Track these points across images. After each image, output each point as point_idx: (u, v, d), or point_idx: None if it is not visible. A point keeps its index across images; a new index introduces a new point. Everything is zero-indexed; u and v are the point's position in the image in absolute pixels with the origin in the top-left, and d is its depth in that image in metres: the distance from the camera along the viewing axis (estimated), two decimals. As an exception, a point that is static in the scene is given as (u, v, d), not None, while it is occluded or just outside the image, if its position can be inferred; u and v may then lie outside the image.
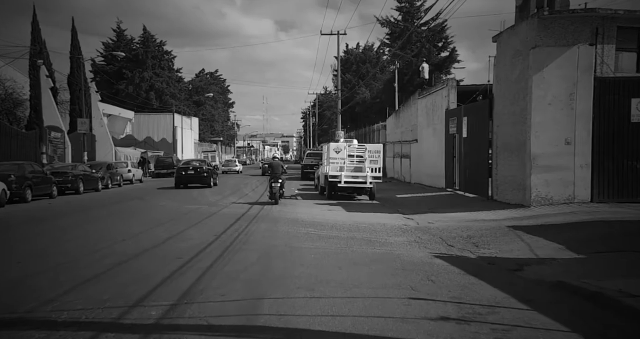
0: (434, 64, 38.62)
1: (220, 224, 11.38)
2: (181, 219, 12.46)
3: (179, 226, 11.16)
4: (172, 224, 11.57)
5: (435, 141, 22.34)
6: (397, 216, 13.40)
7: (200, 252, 7.86)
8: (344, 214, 13.77)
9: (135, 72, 66.65)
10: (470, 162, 17.30)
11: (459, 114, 18.48)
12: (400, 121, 30.14)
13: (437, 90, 21.92)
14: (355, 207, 15.63)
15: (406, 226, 11.32)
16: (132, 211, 14.96)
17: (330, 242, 9.14)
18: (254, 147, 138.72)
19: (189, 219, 12.50)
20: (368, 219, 12.46)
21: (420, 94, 24.91)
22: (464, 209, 14.09)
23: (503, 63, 14.63)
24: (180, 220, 12.33)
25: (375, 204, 17.07)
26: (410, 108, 27.38)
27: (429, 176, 23.31)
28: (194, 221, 12.06)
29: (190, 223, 11.56)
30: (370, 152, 18.15)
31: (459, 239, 9.65)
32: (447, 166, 20.27)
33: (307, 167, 33.56)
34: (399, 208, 15.38)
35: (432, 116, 22.88)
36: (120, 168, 29.29)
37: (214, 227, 10.89)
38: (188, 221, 11.98)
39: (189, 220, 12.23)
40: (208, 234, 9.87)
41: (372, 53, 61.62)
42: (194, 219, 12.31)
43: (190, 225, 11.25)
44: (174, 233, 9.99)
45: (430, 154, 23.09)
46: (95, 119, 39.59)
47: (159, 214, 13.76)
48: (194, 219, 12.31)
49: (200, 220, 12.17)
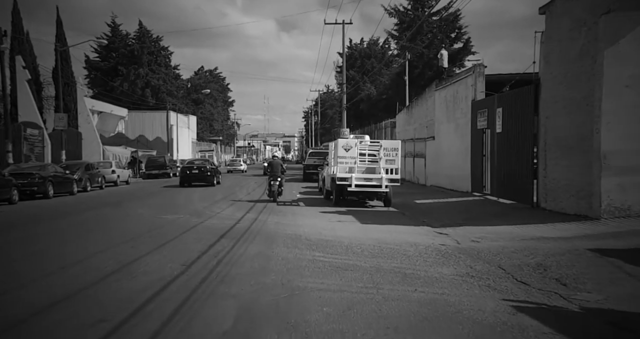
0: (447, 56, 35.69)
1: (197, 244, 8.52)
2: (150, 235, 9.61)
3: (141, 247, 8.30)
4: (134, 243, 8.72)
5: (457, 138, 19.46)
6: (426, 230, 10.53)
7: (145, 305, 4.99)
8: (359, 228, 10.89)
9: (131, 68, 63.92)
10: (506, 162, 14.42)
11: (490, 105, 15.60)
12: (413, 116, 27.25)
13: (461, 79, 19.03)
14: (370, 217, 12.76)
15: (445, 247, 8.44)
16: (97, 223, 12.12)
17: (347, 277, 6.28)
18: (254, 147, 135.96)
19: (161, 235, 9.64)
20: (391, 236, 9.58)
21: (439, 85, 22.02)
22: (508, 221, 11.22)
23: (556, 38, 11.74)
24: (148, 237, 9.48)
25: (393, 213, 14.21)
26: (426, 102, 24.49)
27: (450, 177, 20.42)
28: (165, 238, 9.19)
29: (159, 242, 8.70)
30: (386, 150, 15.28)
31: (529, 270, 6.78)
32: (473, 166, 17.39)
33: (309, 167, 30.68)
34: (423, 218, 12.51)
35: (453, 109, 19.99)
36: (103, 168, 26.48)
37: (186, 249, 8.04)
38: (157, 239, 9.12)
39: (159, 237, 9.37)
40: (174, 262, 7.02)
41: (377, 47, 58.73)
42: (166, 236, 9.44)
43: (156, 246, 8.39)
44: (127, 261, 7.13)
45: (451, 152, 20.20)
46: (82, 116, 36.89)
47: (127, 228, 10.92)
48: (166, 236, 9.44)
49: (173, 237, 9.31)
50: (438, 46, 35.86)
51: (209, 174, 25.57)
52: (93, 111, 45.60)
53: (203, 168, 25.65)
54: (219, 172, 28.60)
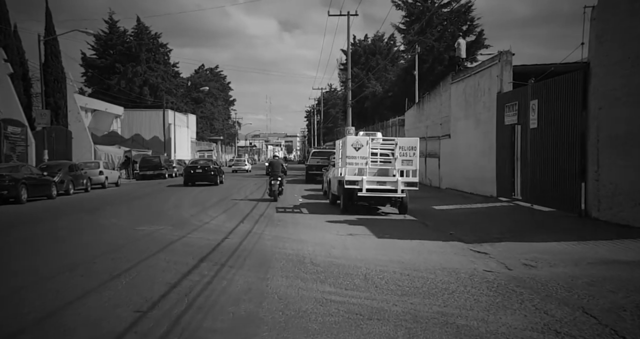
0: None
1: (167, 271, 6.49)
2: (113, 258, 7.58)
3: (93, 276, 6.29)
4: (86, 269, 6.70)
5: (478, 135, 17.41)
6: (460, 248, 8.48)
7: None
8: (375, 244, 8.85)
9: (128, 66, 62.04)
10: (543, 162, 12.37)
11: (522, 98, 13.55)
12: (425, 113, 25.20)
13: (483, 69, 16.97)
14: (386, 229, 10.72)
15: (494, 276, 6.40)
16: (55, 237, 10.07)
17: (374, 335, 4.25)
18: (256, 147, 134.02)
19: (126, 256, 7.60)
20: (419, 258, 7.54)
21: (455, 78, 19.97)
22: (557, 236, 9.17)
23: (613, 13, 9.69)
24: (109, 259, 7.45)
25: (412, 222, 12.16)
26: (440, 97, 22.43)
27: (468, 179, 18.37)
28: (129, 261, 7.16)
29: (119, 268, 6.67)
30: (402, 148, 13.22)
31: (631, 317, 4.75)
32: (499, 167, 15.34)
33: (312, 168, 28.67)
34: (450, 229, 10.47)
35: (473, 104, 17.94)
36: (90, 169, 24.51)
37: (151, 281, 6.01)
38: (120, 263, 7.09)
39: (123, 260, 7.33)
40: (127, 304, 5.00)
41: (382, 44, 56.65)
42: (132, 258, 7.41)
43: (115, 274, 6.36)
44: (62, 301, 5.10)
45: (471, 152, 18.16)
46: (72, 113, 34.91)
47: (89, 244, 8.89)
48: (132, 258, 7.41)
49: (140, 260, 7.27)
50: (449, 39, 33.80)
51: (213, 174, 25.98)
52: (86, 108, 43.70)
53: (207, 168, 26.14)
54: (222, 172, 28.85)
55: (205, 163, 27.44)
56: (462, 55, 19.71)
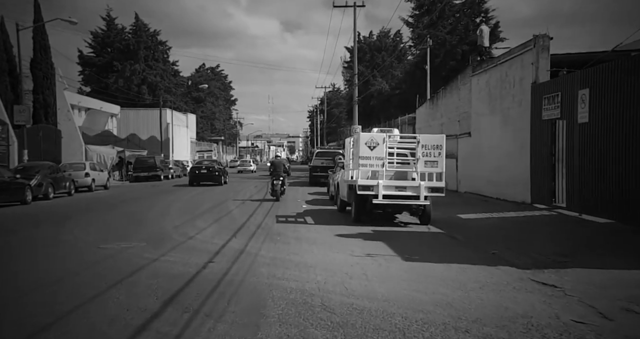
0: (471, 44, 31.53)
1: (113, 324, 4.45)
2: (44, 301, 5.55)
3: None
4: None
5: (506, 133, 15.34)
6: (516, 277, 6.40)
7: None
8: (404, 270, 6.75)
9: (126, 64, 60.14)
10: (598, 164, 10.29)
11: (567, 87, 11.47)
12: (440, 109, 23.12)
13: (512, 57, 14.88)
14: (412, 246, 8.66)
15: (595, 334, 4.33)
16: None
17: None
18: (258, 147, 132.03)
19: (62, 297, 5.56)
20: (471, 297, 5.45)
21: (477, 69, 17.89)
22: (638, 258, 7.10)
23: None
24: (39, 303, 5.41)
25: (439, 236, 10.10)
26: (458, 91, 20.36)
27: (494, 183, 16.29)
28: (64, 305, 5.12)
29: (37, 324, 4.62)
30: (426, 147, 11.14)
31: None
32: (535, 169, 13.26)
33: (316, 169, 26.57)
34: (488, 246, 8.42)
35: (500, 97, 15.87)
36: (75, 171, 22.51)
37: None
38: (46, 308, 5.05)
39: (52, 303, 5.28)
40: None
41: (388, 40, 54.58)
42: (72, 298, 5.36)
43: (24, 336, 4.31)
44: None
45: (496, 151, 16.09)
46: (62, 111, 32.92)
47: (16, 275, 6.85)
48: (72, 298, 5.36)
49: (82, 302, 5.20)
50: (462, 32, 31.74)
51: (217, 174, 26.46)
52: (80, 107, 41.76)
53: (211, 168, 26.76)
54: (227, 173, 29.37)
55: (210, 164, 28.25)
56: (485, 44, 17.66)
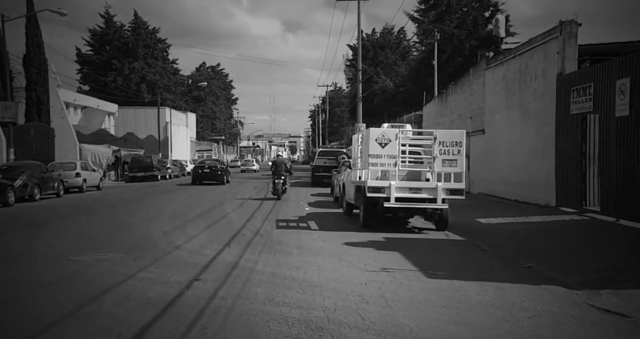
0: (480, 39, 30.33)
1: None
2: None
3: None
4: None
5: (526, 130, 14.15)
6: (571, 302, 5.21)
7: None
8: (432, 294, 5.52)
9: (125, 62, 59.08)
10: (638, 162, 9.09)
11: (602, 77, 10.27)
12: (449, 106, 21.92)
13: (533, 47, 13.66)
14: (433, 258, 7.49)
15: None
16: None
17: None
18: (259, 147, 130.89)
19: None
20: (522, 332, 4.28)
21: (492, 61, 16.68)
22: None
23: None
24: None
25: (461, 244, 8.92)
26: (470, 86, 19.16)
27: (511, 184, 15.08)
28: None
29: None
30: (444, 144, 9.95)
31: None
32: (561, 169, 12.05)
33: (319, 169, 25.40)
34: (519, 257, 7.26)
35: (518, 91, 14.67)
36: (65, 171, 21.36)
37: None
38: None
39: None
40: None
41: (391, 37, 53.35)
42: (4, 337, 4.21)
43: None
44: None
45: (515, 150, 14.90)
46: (55, 109, 31.81)
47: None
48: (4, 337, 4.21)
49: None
50: (470, 27, 30.52)
51: (220, 174, 26.79)
52: (75, 105, 40.73)
53: (214, 167, 27.19)
54: (229, 172, 29.74)
55: (213, 163, 28.63)
56: (502, 34, 16.42)
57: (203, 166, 27.86)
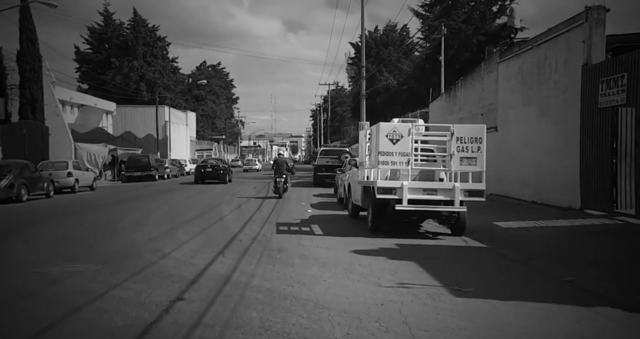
0: (487, 34, 29.36)
1: None
2: None
3: None
4: None
5: (545, 126, 13.16)
6: (634, 325, 4.25)
7: None
8: (463, 319, 4.54)
9: (124, 60, 58.20)
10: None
11: (638, 66, 9.28)
12: (458, 102, 20.94)
13: (555, 35, 12.66)
14: (457, 271, 6.51)
15: None
16: None
17: None
18: (260, 147, 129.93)
19: None
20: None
21: (506, 54, 15.69)
22: None
23: None
24: None
25: (483, 252, 7.92)
26: (481, 80, 18.18)
27: (529, 184, 14.09)
28: None
29: None
30: (462, 141, 8.96)
31: None
32: (587, 167, 11.06)
33: (321, 169, 24.43)
34: (560, 271, 6.27)
35: (536, 85, 13.68)
36: (56, 170, 20.41)
37: None
38: None
39: None
40: None
41: (394, 34, 52.37)
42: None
43: None
44: None
45: (532, 148, 13.91)
46: (49, 107, 30.83)
47: None
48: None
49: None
50: (477, 21, 29.52)
51: (222, 173, 27.11)
52: (72, 103, 39.79)
53: (216, 167, 27.50)
54: (231, 171, 30.05)
55: (215, 162, 28.83)
56: (517, 25, 15.43)
57: (206, 165, 28.06)
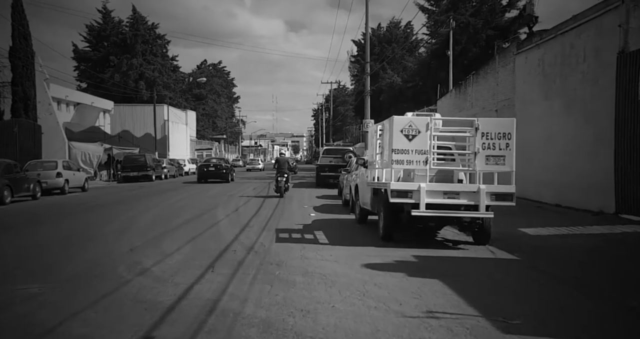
0: (497, 28, 28.18)
1: None
2: None
3: None
4: None
5: (571, 121, 12.00)
6: None
7: None
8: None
9: (123, 58, 57.09)
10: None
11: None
12: (469, 99, 19.78)
13: (583, 22, 11.48)
14: (493, 293, 5.36)
15: None
16: None
17: None
18: (262, 146, 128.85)
19: None
20: None
21: (526, 44, 14.53)
22: None
23: None
24: None
25: (518, 266, 6.76)
26: (495, 74, 17.01)
27: (552, 186, 12.93)
28: None
29: None
30: (487, 136, 7.81)
31: None
32: (622, 167, 9.90)
33: (324, 169, 23.28)
34: (625, 294, 5.12)
35: (561, 76, 12.51)
36: (45, 170, 19.30)
37: None
38: None
39: None
40: None
41: (398, 31, 51.18)
42: None
43: None
44: None
45: (555, 145, 12.75)
46: (42, 105, 29.78)
47: None
48: None
49: None
50: (487, 15, 28.35)
51: (224, 172, 27.46)
52: (68, 101, 38.69)
53: (219, 166, 27.88)
54: (233, 170, 30.56)
55: (218, 162, 29.26)
56: (535, 14, 14.27)
57: (208, 165, 28.51)
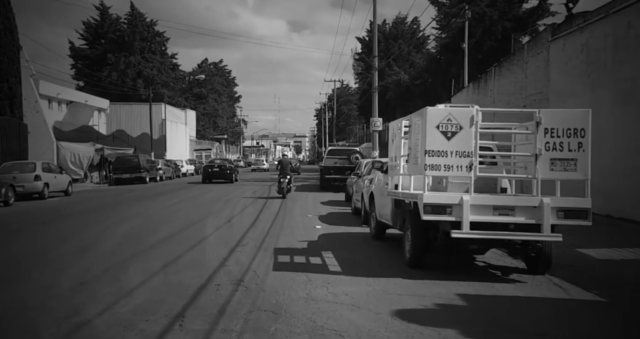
0: (514, 20, 26.26)
1: None
2: None
3: None
4: None
5: (626, 117, 10.12)
6: None
7: None
8: None
9: (121, 56, 55.39)
10: None
11: None
12: (490, 94, 17.88)
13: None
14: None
15: None
16: None
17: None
18: (263, 146, 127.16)
19: None
20: None
21: (564, 28, 12.62)
22: None
23: None
24: None
25: (606, 313, 4.86)
26: (523, 65, 15.11)
27: (599, 193, 10.94)
28: None
29: None
30: (554, 134, 5.93)
31: None
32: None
33: (329, 171, 21.42)
34: None
35: (610, 64, 10.61)
36: (21, 173, 17.50)
37: None
38: None
39: None
40: None
41: (404, 27, 49.31)
42: None
43: None
44: None
45: (606, 145, 10.80)
46: (28, 102, 27.98)
47: None
48: None
49: None
50: (503, 5, 26.43)
51: (229, 172, 27.88)
52: (59, 99, 36.88)
53: (223, 166, 28.35)
54: (237, 171, 30.95)
55: (222, 162, 29.69)
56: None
57: (213, 165, 28.94)
